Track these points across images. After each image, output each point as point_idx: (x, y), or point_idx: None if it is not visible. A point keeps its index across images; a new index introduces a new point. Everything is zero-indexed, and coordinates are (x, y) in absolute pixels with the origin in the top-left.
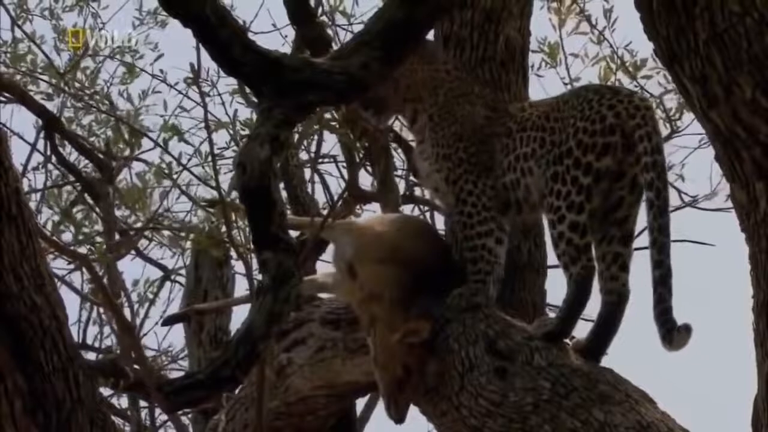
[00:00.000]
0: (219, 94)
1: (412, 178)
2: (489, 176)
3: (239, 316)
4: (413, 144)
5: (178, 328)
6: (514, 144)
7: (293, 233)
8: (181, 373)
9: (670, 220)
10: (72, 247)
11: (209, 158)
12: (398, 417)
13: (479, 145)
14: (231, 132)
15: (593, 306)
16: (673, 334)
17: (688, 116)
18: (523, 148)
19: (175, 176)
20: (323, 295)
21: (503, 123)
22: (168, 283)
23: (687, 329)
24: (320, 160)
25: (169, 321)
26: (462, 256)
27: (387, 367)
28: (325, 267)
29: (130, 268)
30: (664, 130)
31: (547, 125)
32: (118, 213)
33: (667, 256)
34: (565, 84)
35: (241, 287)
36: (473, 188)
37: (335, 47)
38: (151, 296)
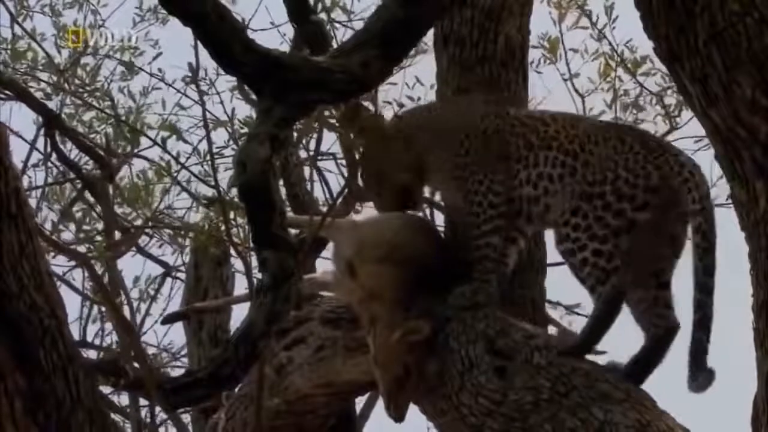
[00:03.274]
0: (218, 93)
1: None
2: (497, 173)
3: (239, 314)
4: None
5: (179, 326)
6: (535, 160)
7: (293, 231)
8: (182, 371)
9: (715, 262)
10: (72, 246)
11: (208, 156)
12: (398, 416)
13: (484, 147)
14: (229, 130)
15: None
16: (699, 377)
17: (687, 113)
18: (548, 168)
19: (174, 174)
20: (323, 294)
21: (520, 133)
22: (169, 280)
23: (711, 375)
24: (320, 158)
25: (168, 319)
26: (472, 255)
27: (387, 366)
28: (325, 265)
29: (130, 264)
30: (664, 127)
31: (580, 155)
32: (119, 210)
33: (709, 298)
34: (565, 80)
35: (240, 286)
36: (479, 187)
37: (334, 45)
38: (152, 293)
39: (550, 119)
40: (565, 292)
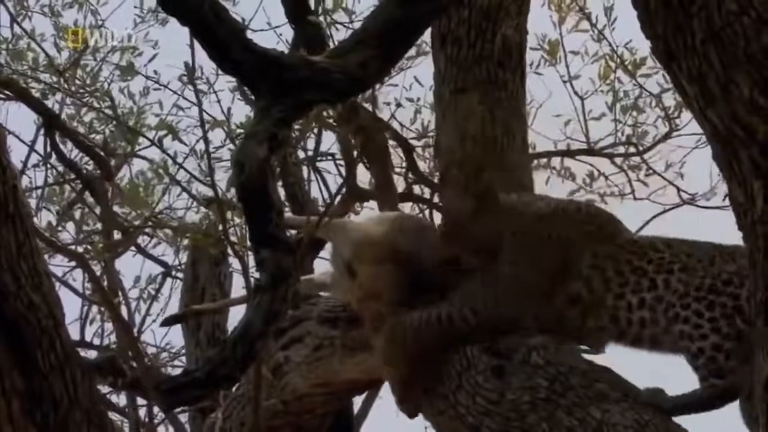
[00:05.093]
0: (215, 92)
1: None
2: None
3: (237, 314)
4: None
5: (177, 326)
6: (651, 284)
7: (291, 232)
8: (180, 371)
9: None
10: (71, 246)
11: (205, 156)
12: (410, 412)
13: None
14: (226, 129)
15: None
16: None
17: (687, 115)
18: (670, 296)
19: (173, 174)
20: (321, 294)
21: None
22: (169, 280)
23: None
24: (318, 158)
25: (168, 322)
26: None
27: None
28: (322, 265)
29: (131, 264)
30: (663, 129)
31: (709, 269)
32: (119, 210)
33: None
34: (565, 82)
35: (238, 285)
36: None
37: (332, 45)
38: (152, 292)
39: (666, 246)
40: None
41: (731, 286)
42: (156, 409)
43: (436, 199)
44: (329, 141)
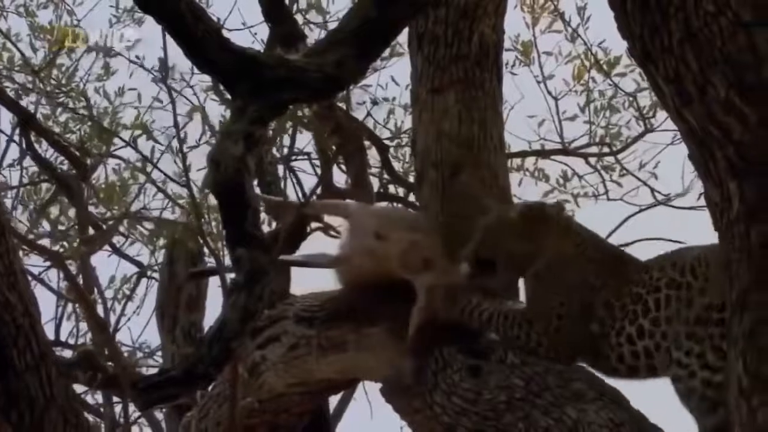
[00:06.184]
0: (190, 86)
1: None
2: None
3: (213, 312)
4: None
5: (153, 325)
6: (645, 307)
7: (274, 225)
8: (155, 370)
9: None
10: (46, 245)
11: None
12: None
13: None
14: (202, 118)
15: None
16: None
17: (662, 114)
18: (663, 311)
19: (149, 172)
20: (297, 293)
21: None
22: (144, 279)
23: None
24: (294, 158)
25: (194, 276)
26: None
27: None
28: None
29: (106, 264)
30: (638, 128)
31: (694, 283)
32: (93, 209)
33: None
34: (539, 82)
35: (214, 283)
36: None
37: (309, 45)
38: (127, 292)
39: (648, 265)
40: None
41: (715, 311)
42: (132, 409)
43: (411, 198)
44: (304, 140)
